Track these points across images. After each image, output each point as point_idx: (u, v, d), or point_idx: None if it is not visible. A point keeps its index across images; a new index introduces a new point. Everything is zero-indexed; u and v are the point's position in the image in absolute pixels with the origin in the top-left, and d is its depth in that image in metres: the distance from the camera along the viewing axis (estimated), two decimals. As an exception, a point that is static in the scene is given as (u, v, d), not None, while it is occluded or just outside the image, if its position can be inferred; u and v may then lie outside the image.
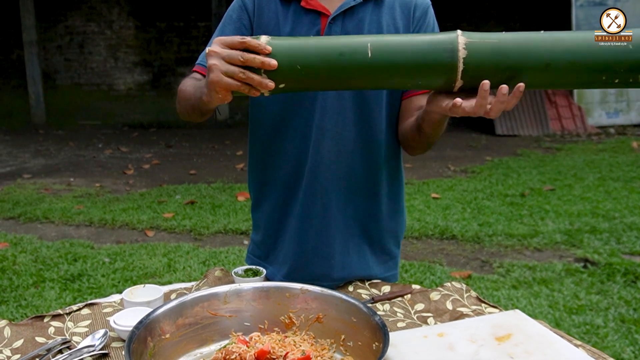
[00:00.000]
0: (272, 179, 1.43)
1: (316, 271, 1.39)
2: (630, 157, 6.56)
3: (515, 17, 9.06)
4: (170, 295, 1.39)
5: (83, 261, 3.67)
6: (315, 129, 1.34)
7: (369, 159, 1.38)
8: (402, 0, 1.36)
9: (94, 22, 9.26)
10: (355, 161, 1.37)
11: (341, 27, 1.31)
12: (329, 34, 1.30)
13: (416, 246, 3.99)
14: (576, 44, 1.04)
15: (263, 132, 1.42)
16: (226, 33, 1.37)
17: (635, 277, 3.35)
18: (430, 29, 1.37)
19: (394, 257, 1.49)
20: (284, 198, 1.42)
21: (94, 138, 8.11)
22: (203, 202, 4.96)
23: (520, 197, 5.01)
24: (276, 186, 1.43)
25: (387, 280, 1.47)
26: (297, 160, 1.38)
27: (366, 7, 1.33)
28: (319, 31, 1.31)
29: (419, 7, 1.37)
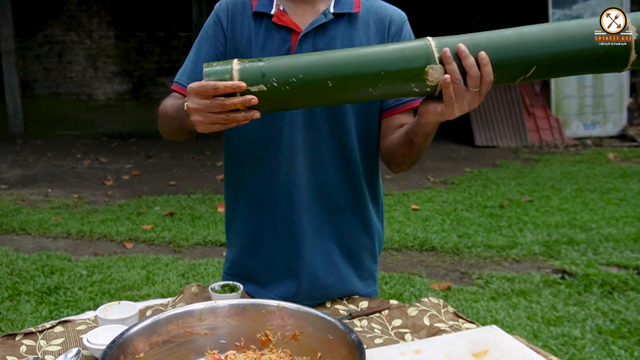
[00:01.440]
0: (246, 197, 1.42)
1: (295, 291, 1.38)
2: (607, 168, 6.66)
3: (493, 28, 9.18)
4: (146, 312, 1.38)
5: (60, 274, 3.61)
6: (287, 147, 1.34)
7: (345, 175, 1.37)
8: (376, 16, 1.35)
9: (74, 31, 9.19)
10: (330, 178, 1.36)
11: (312, 45, 1.30)
12: (299, 50, 1.30)
13: (396, 258, 4.00)
14: (547, 36, 1.07)
15: (236, 150, 1.42)
16: (203, 50, 1.37)
17: (612, 288, 3.39)
18: None
19: (373, 273, 1.49)
20: (258, 217, 1.41)
21: (73, 148, 8.02)
22: (183, 213, 4.93)
23: (499, 208, 5.05)
24: (249, 204, 1.41)
25: (367, 295, 1.47)
26: (270, 178, 1.37)
27: (338, 24, 1.32)
28: (289, 48, 1.31)
29: (394, 22, 1.36)
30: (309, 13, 1.33)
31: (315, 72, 1.06)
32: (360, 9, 1.34)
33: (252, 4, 1.36)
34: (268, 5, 1.34)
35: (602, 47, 1.04)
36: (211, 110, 1.05)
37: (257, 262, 1.43)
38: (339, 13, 1.32)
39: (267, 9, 1.33)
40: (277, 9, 1.32)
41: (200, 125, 1.08)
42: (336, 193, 1.38)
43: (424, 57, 1.06)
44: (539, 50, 1.05)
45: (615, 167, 6.73)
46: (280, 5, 1.33)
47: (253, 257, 1.44)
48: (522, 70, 1.07)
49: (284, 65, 1.07)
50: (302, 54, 1.14)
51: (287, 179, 1.35)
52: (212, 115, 1.06)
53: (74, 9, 9.11)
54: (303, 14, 1.33)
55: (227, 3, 1.38)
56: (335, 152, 1.35)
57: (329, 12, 1.31)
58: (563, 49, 1.05)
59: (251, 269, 1.44)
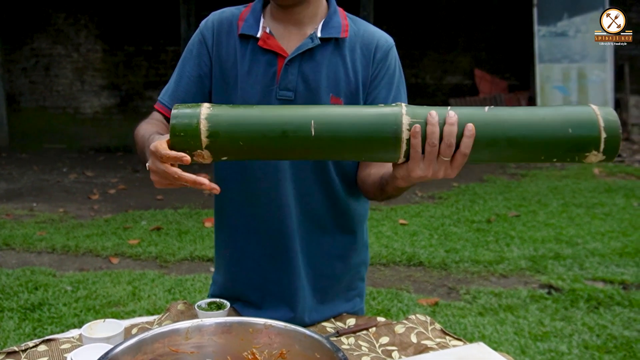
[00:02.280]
0: (233, 222, 1.41)
1: (291, 316, 1.37)
2: (592, 183, 6.72)
3: (481, 45, 9.28)
4: (132, 330, 1.36)
5: (44, 290, 3.57)
6: (274, 171, 1.33)
7: (329, 198, 1.37)
8: (363, 42, 1.33)
9: (61, 44, 9.16)
10: (316, 202, 1.36)
11: (298, 69, 1.29)
12: (285, 75, 1.29)
13: (384, 273, 4.00)
14: (518, 121, 1.04)
15: (224, 175, 1.41)
16: (187, 69, 1.36)
17: (598, 303, 3.40)
18: (391, 72, 1.35)
19: (360, 291, 1.49)
20: (246, 242, 1.40)
21: (59, 162, 7.96)
22: (169, 228, 4.90)
23: (486, 223, 5.07)
24: (238, 229, 1.41)
25: (354, 313, 1.46)
26: (258, 203, 1.36)
27: (325, 48, 1.31)
28: (275, 72, 1.30)
29: (380, 48, 1.34)
30: (295, 36, 1.32)
31: (282, 128, 1.04)
32: (348, 33, 1.32)
33: (238, 24, 1.34)
34: (254, 27, 1.32)
35: (573, 141, 1.03)
36: (167, 178, 1.05)
37: (247, 287, 1.42)
38: (326, 38, 1.30)
39: (253, 31, 1.31)
40: (263, 32, 1.31)
41: (157, 184, 1.08)
42: (323, 215, 1.37)
43: (395, 124, 1.03)
44: (515, 133, 1.03)
45: (600, 182, 6.80)
46: (267, 27, 1.32)
47: (242, 282, 1.43)
48: (495, 154, 1.05)
49: (253, 117, 1.05)
50: (274, 106, 1.12)
51: (276, 204, 1.34)
52: (166, 181, 1.06)
53: (61, 22, 9.09)
54: (290, 37, 1.32)
55: (212, 22, 1.37)
56: (317, 175, 1.35)
57: (316, 36, 1.29)
58: (538, 135, 1.03)
59: (241, 292, 1.43)
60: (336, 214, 1.39)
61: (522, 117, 1.04)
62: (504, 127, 1.03)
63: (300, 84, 1.30)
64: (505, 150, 1.04)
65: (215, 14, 1.38)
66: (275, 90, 1.30)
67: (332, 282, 1.42)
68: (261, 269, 1.39)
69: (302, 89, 1.30)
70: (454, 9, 9.15)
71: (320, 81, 1.29)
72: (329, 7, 1.35)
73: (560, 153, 1.04)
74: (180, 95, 1.35)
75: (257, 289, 1.41)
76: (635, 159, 8.20)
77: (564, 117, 1.03)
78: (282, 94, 1.30)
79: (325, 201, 1.37)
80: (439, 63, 9.30)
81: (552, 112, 1.04)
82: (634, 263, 4.06)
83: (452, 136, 1.00)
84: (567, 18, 8.61)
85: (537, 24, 8.49)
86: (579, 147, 1.03)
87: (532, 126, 1.03)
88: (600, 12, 8.57)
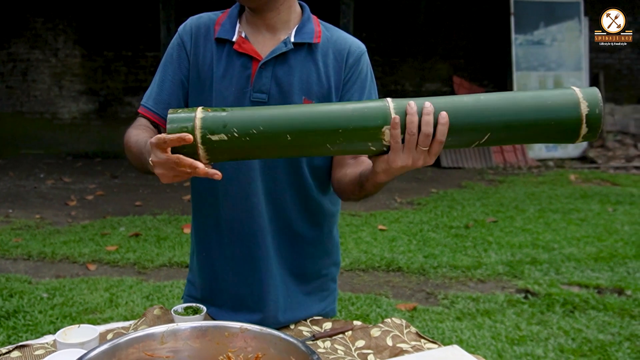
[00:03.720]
0: (207, 223, 1.43)
1: (261, 318, 1.38)
2: (568, 189, 6.82)
3: (459, 53, 9.38)
4: (107, 336, 1.35)
5: (19, 297, 3.52)
6: (245, 171, 1.35)
7: (301, 198, 1.39)
8: (336, 47, 1.37)
9: (39, 49, 9.06)
10: (288, 202, 1.38)
11: (272, 73, 1.32)
12: (259, 78, 1.32)
13: (363, 278, 4.01)
14: (503, 105, 1.09)
15: (197, 179, 1.42)
16: (169, 72, 1.38)
17: (574, 307, 3.45)
18: (363, 76, 1.38)
19: (333, 291, 1.50)
20: (219, 243, 1.41)
21: (36, 168, 7.86)
22: (148, 234, 4.86)
23: (464, 228, 5.12)
24: (210, 230, 1.42)
25: (326, 314, 1.48)
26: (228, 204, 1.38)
27: (298, 53, 1.34)
28: (249, 75, 1.33)
29: (352, 54, 1.37)
30: (270, 41, 1.35)
31: (276, 126, 1.08)
32: (321, 39, 1.36)
33: (215, 29, 1.38)
34: (230, 31, 1.35)
35: (555, 120, 1.07)
36: (170, 167, 1.07)
37: (220, 287, 1.43)
38: (300, 42, 1.34)
39: (229, 36, 1.35)
40: (239, 36, 1.34)
41: (164, 178, 1.10)
42: (294, 215, 1.39)
43: (382, 117, 1.07)
44: (494, 119, 1.08)
45: (576, 188, 6.90)
46: (243, 32, 1.35)
47: (216, 283, 1.44)
48: (477, 136, 1.09)
49: (246, 117, 1.09)
50: (266, 106, 1.15)
51: (247, 205, 1.36)
52: (172, 170, 1.08)
53: (39, 27, 8.99)
54: (264, 42, 1.35)
55: (190, 26, 1.40)
56: (289, 176, 1.37)
57: (290, 41, 1.33)
58: (517, 118, 1.08)
59: (214, 292, 1.44)
60: (308, 214, 1.41)
61: (502, 101, 1.09)
62: (481, 114, 1.08)
63: (274, 87, 1.33)
64: (480, 134, 1.09)
65: (193, 18, 1.42)
66: (250, 93, 1.33)
67: (304, 282, 1.43)
68: (234, 270, 1.40)
69: (275, 91, 1.33)
70: (433, 17, 9.25)
71: (293, 84, 1.33)
72: (303, 14, 1.40)
73: (542, 136, 1.09)
74: (164, 99, 1.37)
75: (230, 289, 1.42)
76: (611, 165, 8.34)
77: (545, 100, 1.08)
78: (256, 96, 1.33)
79: (297, 201, 1.39)
80: (417, 70, 9.37)
81: (532, 97, 1.09)
82: (608, 268, 4.13)
83: (429, 125, 1.05)
84: (543, 27, 8.75)
85: (515, 33, 8.62)
86: (559, 128, 1.08)
87: (511, 111, 1.08)
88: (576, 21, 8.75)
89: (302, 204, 1.39)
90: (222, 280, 1.43)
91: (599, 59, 9.54)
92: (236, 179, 1.36)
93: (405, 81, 9.38)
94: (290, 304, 1.41)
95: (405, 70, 9.35)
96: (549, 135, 1.10)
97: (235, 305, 1.41)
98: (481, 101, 1.09)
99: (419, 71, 9.37)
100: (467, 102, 1.09)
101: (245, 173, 1.35)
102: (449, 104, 1.08)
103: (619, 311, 3.40)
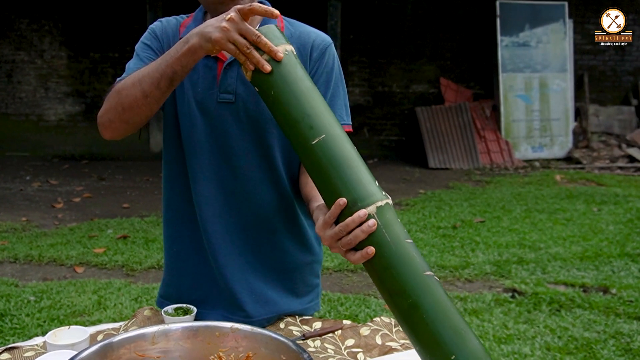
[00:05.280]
0: (177, 218, 1.45)
1: (240, 309, 1.39)
2: (554, 189, 6.89)
3: (446, 55, 9.43)
4: (97, 337, 1.36)
5: (6, 300, 3.49)
6: (222, 169, 1.36)
7: (279, 196, 1.40)
8: (300, 41, 1.36)
9: (24, 50, 8.99)
10: (265, 200, 1.38)
11: (237, 72, 1.33)
12: (224, 79, 1.33)
13: (351, 279, 4.03)
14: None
15: (169, 174, 1.45)
16: (141, 56, 1.36)
17: (560, 306, 3.49)
18: (328, 69, 1.37)
19: (315, 286, 1.51)
20: (191, 239, 1.43)
21: (22, 170, 7.79)
22: (136, 236, 4.84)
23: (452, 229, 5.15)
24: (182, 225, 1.44)
25: (310, 309, 1.49)
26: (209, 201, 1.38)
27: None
28: (215, 76, 1.34)
29: (316, 48, 1.37)
30: None
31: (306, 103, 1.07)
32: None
33: (180, 30, 1.39)
34: None
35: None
36: (244, 33, 1.07)
37: (191, 286, 1.45)
38: None
39: None
40: None
41: (222, 34, 1.07)
42: (271, 212, 1.40)
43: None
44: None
45: (562, 188, 6.97)
46: None
47: (187, 278, 1.46)
48: None
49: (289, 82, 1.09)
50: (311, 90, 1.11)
51: (220, 200, 1.37)
52: (238, 36, 1.07)
53: (24, 28, 8.92)
54: None
55: (161, 23, 1.42)
56: (265, 172, 1.38)
57: None
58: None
59: (186, 291, 1.46)
60: (285, 211, 1.41)
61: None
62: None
63: (240, 87, 1.33)
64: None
65: (159, 20, 1.43)
66: (216, 94, 1.34)
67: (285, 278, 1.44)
68: (209, 268, 1.41)
69: (241, 91, 1.33)
70: (420, 20, 9.30)
71: None
72: None
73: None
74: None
75: (202, 288, 1.43)
76: (595, 166, 8.43)
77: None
78: (223, 97, 1.33)
79: (274, 198, 1.39)
80: (405, 72, 9.42)
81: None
82: (593, 266, 4.18)
83: (357, 239, 1.00)
84: (529, 29, 8.83)
85: (500, 35, 8.69)
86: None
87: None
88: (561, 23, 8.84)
89: (278, 201, 1.40)
90: (194, 279, 1.45)
91: (584, 60, 9.64)
92: (206, 179, 1.37)
93: (392, 83, 9.42)
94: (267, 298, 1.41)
95: (392, 72, 9.39)
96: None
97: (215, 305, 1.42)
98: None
99: (406, 73, 9.42)
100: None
101: (216, 171, 1.36)
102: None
103: (604, 309, 3.44)
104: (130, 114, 1.23)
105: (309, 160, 1.07)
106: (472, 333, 0.98)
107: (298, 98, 1.07)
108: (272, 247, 1.41)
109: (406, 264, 0.99)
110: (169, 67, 1.16)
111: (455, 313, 0.98)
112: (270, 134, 1.35)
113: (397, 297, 0.99)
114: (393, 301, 1.01)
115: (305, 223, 1.45)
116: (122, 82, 1.26)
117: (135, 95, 1.21)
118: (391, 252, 0.99)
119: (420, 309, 0.97)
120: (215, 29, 1.08)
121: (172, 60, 1.16)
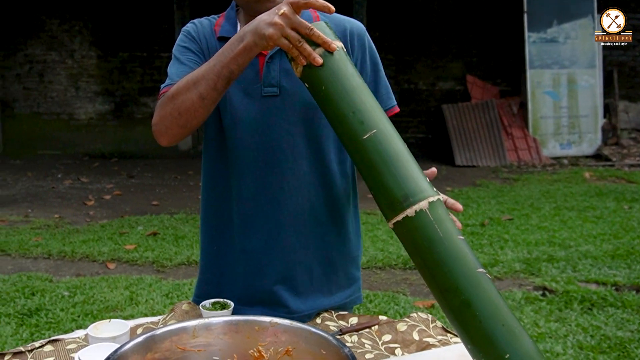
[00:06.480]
0: (217, 217, 1.44)
1: (281, 305, 1.40)
2: (583, 187, 6.78)
3: (472, 52, 9.35)
4: (137, 330, 1.38)
5: (41, 295, 3.57)
6: (267, 165, 1.36)
7: (327, 189, 1.40)
8: (337, 29, 1.35)
9: (55, 50, 9.16)
10: (312, 193, 1.38)
11: (279, 65, 1.33)
12: (267, 73, 1.33)
13: (380, 276, 4.03)
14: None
15: (211, 171, 1.43)
16: (187, 56, 1.36)
17: (592, 305, 3.45)
18: (372, 53, 1.40)
19: (357, 279, 1.52)
20: (231, 237, 1.42)
21: (53, 168, 7.95)
22: (166, 233, 4.91)
23: (480, 226, 5.11)
24: (222, 225, 1.43)
25: (352, 302, 1.49)
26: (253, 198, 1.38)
27: None
28: (258, 71, 1.34)
29: (355, 34, 1.38)
30: None
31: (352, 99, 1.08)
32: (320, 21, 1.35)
33: (215, 29, 1.39)
34: (232, 30, 1.36)
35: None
36: (296, 27, 1.07)
37: (229, 283, 1.45)
38: None
39: (231, 34, 1.33)
40: None
41: (275, 29, 1.07)
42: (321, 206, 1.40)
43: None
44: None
45: (591, 185, 6.86)
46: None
47: (227, 274, 1.46)
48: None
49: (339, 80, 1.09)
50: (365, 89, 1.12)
51: (271, 197, 1.37)
52: (290, 31, 1.07)
53: (55, 28, 9.09)
54: None
55: (195, 25, 1.41)
56: (315, 167, 1.38)
57: None
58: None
59: (222, 289, 1.45)
60: (332, 204, 1.41)
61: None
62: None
63: (284, 79, 1.33)
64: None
65: (192, 22, 1.42)
66: (260, 88, 1.34)
67: (330, 272, 1.44)
68: (250, 267, 1.41)
69: (285, 83, 1.33)
70: (447, 16, 9.23)
71: None
72: None
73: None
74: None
75: (243, 285, 1.43)
76: (625, 163, 8.28)
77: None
78: (267, 91, 1.33)
79: (321, 190, 1.39)
80: (431, 69, 9.36)
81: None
82: (625, 265, 4.11)
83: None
84: (556, 25, 8.70)
85: (528, 31, 8.57)
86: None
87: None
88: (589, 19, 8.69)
89: (326, 196, 1.40)
90: (234, 277, 1.44)
91: (613, 56, 9.47)
92: (251, 174, 1.37)
93: (419, 80, 9.37)
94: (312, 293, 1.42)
95: (418, 69, 9.34)
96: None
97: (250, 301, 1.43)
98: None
99: (432, 70, 9.36)
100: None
101: (263, 168, 1.36)
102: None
103: (638, 308, 3.39)
104: (187, 118, 1.22)
105: (360, 155, 1.07)
106: (525, 332, 0.98)
107: (349, 93, 1.08)
108: (317, 243, 1.41)
109: (458, 261, 0.99)
110: (225, 68, 1.16)
111: (508, 312, 0.98)
112: (319, 123, 1.35)
113: (448, 294, 0.99)
114: (444, 298, 1.00)
115: (348, 215, 1.46)
116: (175, 87, 1.25)
117: (192, 99, 1.20)
118: (443, 248, 0.99)
119: (472, 306, 0.96)
120: (268, 25, 1.08)
121: (228, 60, 1.16)
